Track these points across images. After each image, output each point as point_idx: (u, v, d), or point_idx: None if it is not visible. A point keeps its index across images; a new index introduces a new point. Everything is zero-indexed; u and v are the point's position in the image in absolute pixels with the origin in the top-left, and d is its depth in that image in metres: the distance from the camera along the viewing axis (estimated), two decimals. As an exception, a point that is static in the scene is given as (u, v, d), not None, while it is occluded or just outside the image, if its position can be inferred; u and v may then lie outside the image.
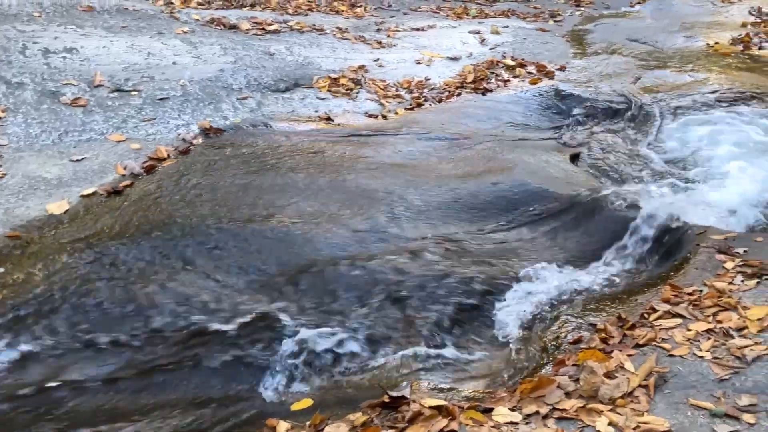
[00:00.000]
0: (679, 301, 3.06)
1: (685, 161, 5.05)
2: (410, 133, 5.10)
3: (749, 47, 7.46)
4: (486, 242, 3.98)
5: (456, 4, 8.86)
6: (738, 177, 4.67)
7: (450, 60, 6.69)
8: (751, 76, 6.33)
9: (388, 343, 3.25)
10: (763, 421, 2.27)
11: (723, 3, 10.17)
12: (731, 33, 7.98)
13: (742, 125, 5.26)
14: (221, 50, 6.08)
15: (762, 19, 8.86)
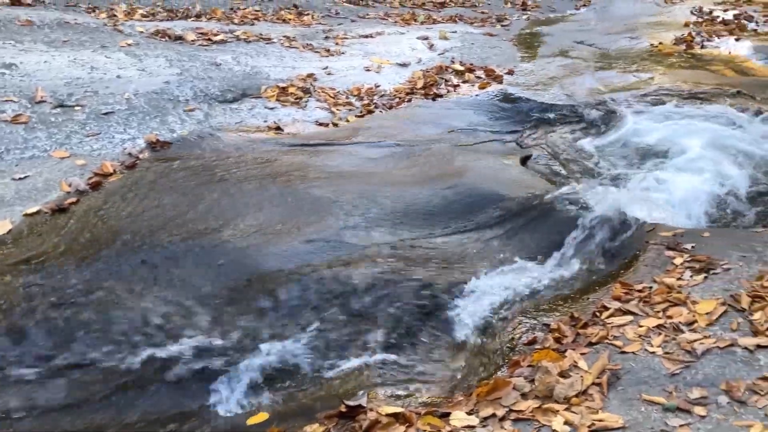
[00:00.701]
0: (629, 298, 3.11)
1: (633, 159, 5.15)
2: (361, 140, 5.10)
3: (692, 46, 7.65)
4: (440, 247, 4.00)
5: (404, 11, 8.91)
6: (685, 173, 4.79)
7: (399, 66, 6.72)
8: (694, 75, 6.49)
9: (344, 353, 3.25)
10: (713, 413, 2.32)
11: (666, 3, 10.43)
12: (674, 33, 8.18)
13: (688, 123, 5.38)
14: (167, 62, 6.02)
15: (704, 19, 9.11)
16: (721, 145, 5.02)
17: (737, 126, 5.30)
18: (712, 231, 3.78)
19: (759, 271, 3.11)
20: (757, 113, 5.46)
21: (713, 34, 8.15)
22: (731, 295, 2.95)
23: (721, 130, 5.21)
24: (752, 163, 4.91)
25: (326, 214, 4.02)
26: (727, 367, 2.51)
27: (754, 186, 4.71)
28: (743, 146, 5.04)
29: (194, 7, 8.05)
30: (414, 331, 3.36)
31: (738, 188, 4.64)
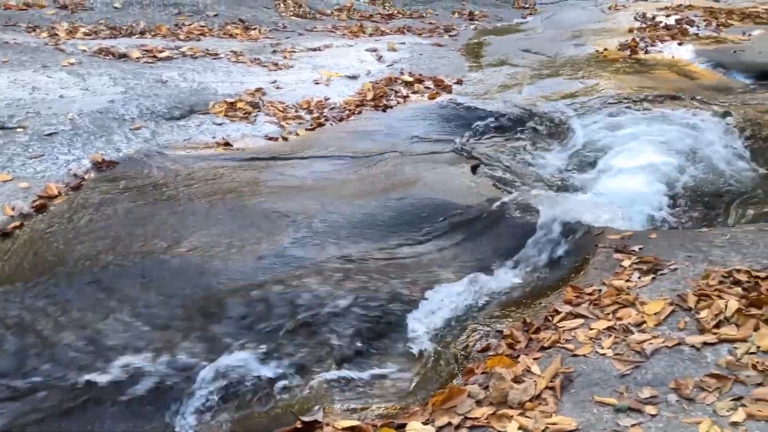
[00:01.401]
0: (580, 301, 3.17)
1: (581, 164, 5.25)
2: (312, 153, 5.11)
3: (636, 52, 7.84)
4: (393, 258, 4.02)
5: (352, 23, 8.95)
6: (632, 177, 4.90)
7: (349, 78, 6.75)
8: (638, 80, 6.66)
9: (299, 368, 3.23)
10: (664, 411, 2.37)
11: (610, 10, 10.68)
12: (619, 39, 8.38)
13: (634, 127, 5.52)
14: (111, 80, 5.95)
15: (647, 24, 9.35)
16: (665, 148, 5.16)
17: (681, 128, 5.45)
18: (659, 232, 3.87)
19: (704, 270, 3.20)
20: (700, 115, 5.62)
21: (656, 39, 8.37)
22: (678, 295, 3.02)
23: (666, 133, 5.35)
24: (696, 164, 5.05)
25: (277, 230, 4.01)
26: (676, 366, 2.57)
27: (699, 187, 4.85)
28: (687, 148, 5.19)
29: (138, 24, 7.97)
30: (369, 344, 3.36)
31: (683, 189, 4.78)
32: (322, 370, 3.20)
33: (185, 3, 8.57)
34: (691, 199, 4.73)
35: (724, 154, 5.18)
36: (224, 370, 3.17)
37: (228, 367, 3.19)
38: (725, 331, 2.70)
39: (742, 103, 6.19)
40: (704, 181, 4.91)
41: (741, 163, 5.09)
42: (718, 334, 2.69)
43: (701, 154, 5.16)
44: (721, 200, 4.73)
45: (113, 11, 8.39)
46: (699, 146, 5.25)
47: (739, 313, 2.78)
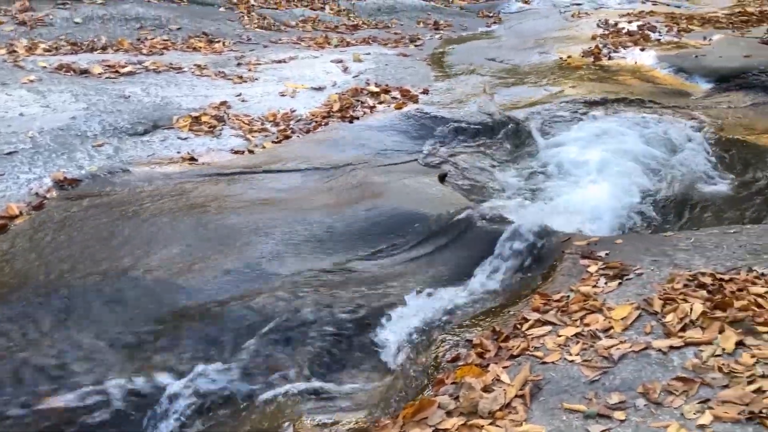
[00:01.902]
0: (548, 308, 3.19)
1: (548, 171, 5.31)
2: (279, 166, 5.09)
3: (599, 58, 7.95)
4: (363, 270, 4.02)
5: (317, 34, 8.95)
6: (597, 182, 4.97)
7: (315, 90, 6.75)
8: (602, 86, 6.75)
9: (268, 384, 3.22)
10: (632, 416, 2.39)
11: (573, 18, 10.81)
12: (582, 46, 8.48)
13: (598, 133, 5.59)
14: (72, 97, 5.88)
15: (610, 31, 9.48)
16: (629, 153, 5.24)
17: (645, 133, 5.53)
18: (625, 237, 3.92)
19: (669, 274, 3.24)
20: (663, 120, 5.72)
21: (619, 45, 8.48)
22: (644, 300, 3.06)
23: (629, 139, 5.43)
24: (660, 169, 5.13)
25: (244, 244, 4.00)
26: (643, 370, 2.60)
27: (662, 191, 4.93)
28: (651, 153, 5.27)
29: (99, 39, 7.90)
30: (339, 357, 3.36)
31: (647, 194, 4.86)
32: (292, 385, 3.18)
33: (147, 17, 8.52)
34: (655, 203, 4.80)
35: (687, 158, 5.27)
36: (192, 388, 3.15)
37: (196, 384, 3.16)
38: (691, 334, 2.74)
39: (704, 107, 6.31)
40: (668, 185, 5.00)
41: (704, 167, 5.18)
42: (684, 337, 2.73)
43: (665, 158, 5.24)
44: (686, 203, 4.81)
45: (74, 27, 8.31)
46: (663, 151, 5.34)
47: (704, 316, 2.82)
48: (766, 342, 2.62)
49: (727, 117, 6.05)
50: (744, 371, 2.48)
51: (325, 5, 10.43)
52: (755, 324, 2.73)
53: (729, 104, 6.43)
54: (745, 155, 5.09)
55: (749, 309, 2.81)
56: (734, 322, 2.76)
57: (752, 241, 3.47)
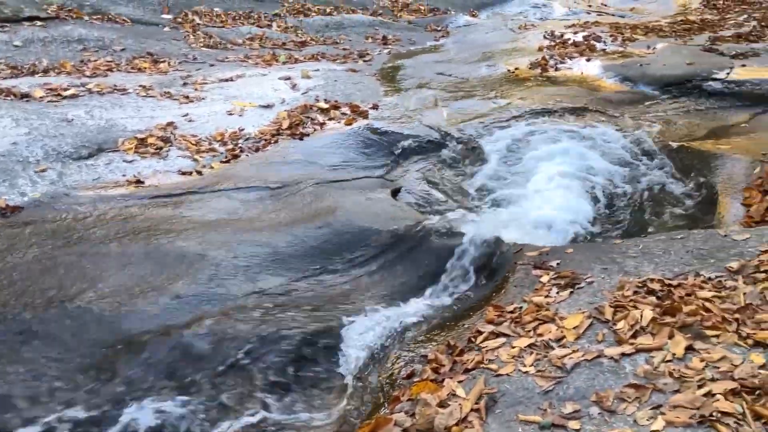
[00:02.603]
0: (502, 320, 3.22)
1: (499, 183, 5.36)
2: (228, 186, 5.05)
3: (546, 69, 8.08)
4: (317, 288, 4.01)
5: (264, 52, 8.92)
6: (547, 192, 5.03)
7: (263, 108, 6.71)
8: (549, 97, 6.85)
9: (222, 411, 3.18)
10: (586, 425, 2.42)
11: (520, 30, 10.98)
12: (529, 57, 8.61)
13: (547, 143, 5.68)
14: (13, 122, 5.75)
15: (556, 42, 9.65)
16: (578, 163, 5.33)
17: (592, 142, 5.63)
18: (575, 246, 3.97)
19: (619, 281, 3.29)
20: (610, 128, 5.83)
21: (566, 56, 8.64)
22: (596, 308, 3.10)
23: (577, 148, 5.52)
24: (607, 177, 5.22)
25: (194, 267, 3.95)
26: (596, 379, 2.63)
27: (611, 199, 5.02)
28: (599, 162, 5.37)
29: (41, 62, 7.75)
30: (294, 379, 3.33)
31: (596, 202, 4.93)
32: (246, 411, 3.15)
33: (90, 38, 8.40)
34: (604, 211, 4.89)
35: (634, 166, 5.38)
36: (141, 419, 3.09)
37: (145, 414, 3.10)
38: (641, 340, 2.78)
39: (650, 114, 6.45)
40: (616, 193, 5.09)
41: (650, 173, 5.29)
42: (635, 344, 2.77)
43: (612, 167, 5.34)
44: (634, 210, 4.90)
45: (13, 50, 8.15)
46: (610, 159, 5.44)
47: (654, 322, 2.87)
48: (715, 346, 2.68)
49: (672, 124, 6.20)
50: (694, 375, 2.52)
51: (272, 22, 10.42)
52: (704, 328, 2.78)
53: (674, 111, 6.59)
54: (690, 161, 5.21)
55: (697, 313, 2.87)
56: (683, 327, 2.81)
57: (698, 245, 3.55)
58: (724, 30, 10.01)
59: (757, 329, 2.73)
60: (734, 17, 11.15)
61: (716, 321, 2.80)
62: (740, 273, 3.18)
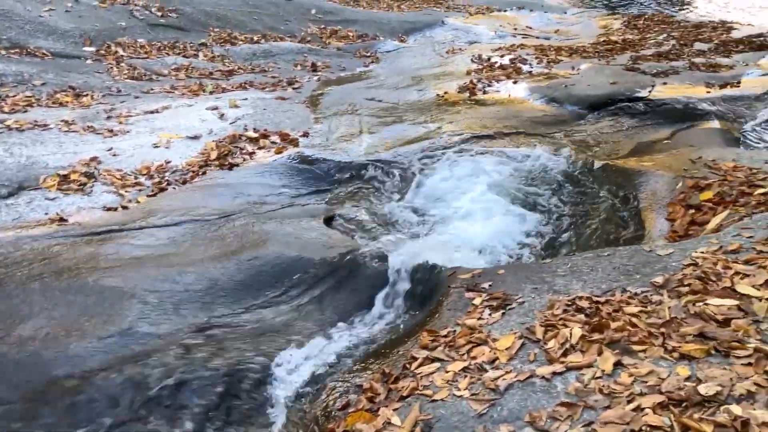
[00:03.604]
0: (436, 345, 3.24)
1: (432, 208, 5.42)
2: (155, 221, 4.97)
3: (475, 93, 8.23)
4: (249, 322, 3.98)
5: (191, 82, 8.85)
6: (480, 214, 5.12)
7: (190, 139, 6.66)
8: (479, 120, 6.97)
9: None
10: (521, 446, 2.45)
11: (448, 54, 11.16)
12: (458, 81, 8.76)
13: (476, 167, 5.77)
14: (-74, 162, 5.58)
15: (483, 65, 9.84)
16: (505, 184, 5.44)
17: (519, 164, 5.76)
18: (506, 267, 4.04)
19: (549, 300, 3.36)
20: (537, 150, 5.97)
21: (493, 79, 8.82)
22: (527, 328, 3.16)
23: (505, 171, 5.64)
24: (535, 198, 5.35)
25: (121, 306, 3.87)
26: (529, 399, 2.67)
27: (540, 219, 5.12)
28: (526, 182, 5.49)
29: (-44, 99, 7.54)
30: (225, 418, 3.29)
31: (526, 223, 5.03)
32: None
33: (8, 73, 8.19)
34: (533, 232, 4.99)
35: (561, 185, 5.51)
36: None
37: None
38: (572, 358, 2.84)
39: (575, 134, 6.64)
40: (545, 212, 5.21)
41: (577, 192, 5.43)
42: (566, 362, 2.82)
43: (539, 187, 5.47)
44: (562, 229, 5.02)
45: (-73, 87, 7.91)
46: (537, 180, 5.56)
47: (583, 339, 2.94)
48: (642, 360, 2.75)
49: (598, 142, 6.39)
50: (623, 391, 2.59)
51: (199, 52, 10.35)
52: (631, 343, 2.86)
53: (599, 130, 6.79)
54: (615, 178, 5.36)
55: (625, 329, 2.95)
56: (612, 343, 2.88)
57: (624, 262, 3.65)
58: (645, 49, 10.40)
59: (682, 342, 2.82)
60: (654, 36, 11.60)
61: (643, 336, 2.88)
62: (665, 287, 3.28)
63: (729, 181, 4.71)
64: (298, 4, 13.49)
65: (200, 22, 11.59)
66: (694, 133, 6.52)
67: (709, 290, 3.16)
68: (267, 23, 12.34)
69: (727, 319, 2.92)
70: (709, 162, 5.13)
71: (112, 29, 10.29)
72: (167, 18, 11.24)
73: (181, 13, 11.51)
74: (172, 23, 11.20)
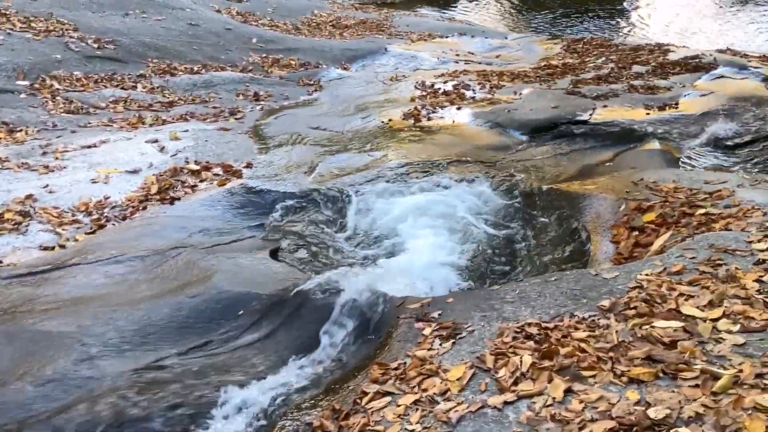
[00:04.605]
0: (387, 378, 3.22)
1: (378, 237, 5.43)
2: (94, 259, 4.86)
3: (419, 119, 8.29)
4: (195, 361, 3.90)
5: (130, 114, 8.72)
6: (426, 243, 5.14)
7: (130, 174, 6.55)
8: (423, 147, 7.03)
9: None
10: (474, 479, 2.44)
11: (392, 81, 11.24)
12: (402, 108, 8.81)
13: (421, 195, 5.81)
14: None
15: (427, 92, 9.94)
16: (450, 212, 5.48)
17: (465, 190, 5.81)
18: (455, 295, 4.05)
19: (498, 328, 3.38)
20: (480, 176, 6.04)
21: (437, 105, 8.90)
22: (477, 357, 3.16)
23: (450, 198, 5.69)
24: (482, 224, 5.40)
25: (58, 350, 3.76)
26: (481, 430, 2.67)
27: (488, 245, 5.17)
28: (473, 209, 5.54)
29: None
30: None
31: (472, 250, 5.07)
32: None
33: (-64, 110, 7.99)
34: (483, 257, 5.03)
35: (507, 211, 5.58)
36: None
37: None
38: (522, 387, 2.85)
39: (519, 159, 6.74)
40: (493, 239, 5.26)
41: (524, 217, 5.50)
42: (517, 390, 2.84)
43: (486, 213, 5.52)
44: (511, 255, 5.07)
45: None
46: (483, 206, 5.62)
47: (534, 367, 2.95)
48: (592, 386, 2.78)
49: (541, 166, 6.50)
50: (574, 418, 2.61)
51: (137, 84, 10.22)
52: (581, 369, 2.89)
53: (542, 154, 6.91)
54: (560, 202, 5.45)
55: (574, 355, 2.98)
56: (561, 369, 2.91)
57: (571, 286, 3.70)
58: (585, 73, 10.63)
59: (631, 366, 2.86)
60: (593, 60, 11.87)
61: (592, 361, 2.92)
62: (612, 311, 3.33)
63: (670, 202, 4.83)
64: (239, 33, 13.46)
65: (139, 53, 11.46)
66: (636, 154, 6.68)
67: (654, 313, 3.22)
68: (207, 53, 12.27)
69: (674, 341, 2.97)
70: (650, 184, 5.25)
71: (46, 62, 10.10)
72: (104, 50, 11.09)
73: (118, 45, 11.36)
74: (110, 55, 11.05)
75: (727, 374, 2.68)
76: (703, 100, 8.27)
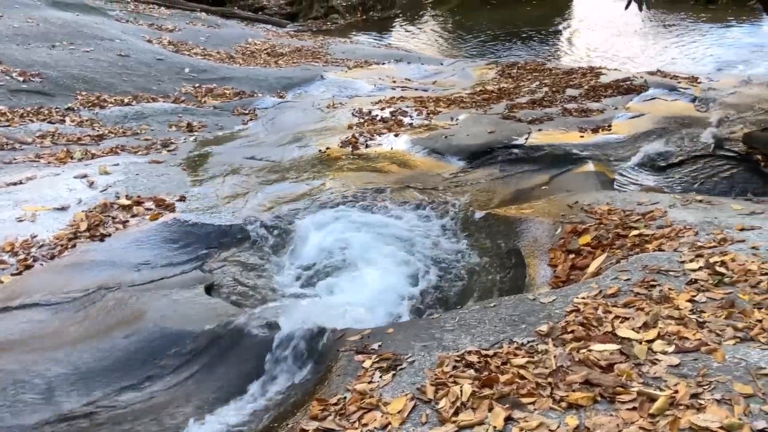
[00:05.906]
0: (326, 414, 3.18)
1: (316, 268, 5.40)
2: (20, 302, 4.71)
3: (357, 147, 8.31)
4: (126, 405, 3.81)
5: (58, 149, 8.54)
6: (365, 273, 5.13)
7: (58, 211, 6.39)
8: (362, 175, 7.05)
9: None
10: None
11: (329, 109, 11.26)
12: (340, 136, 8.83)
13: (361, 225, 5.82)
14: None
15: (365, 119, 9.98)
16: (391, 241, 5.50)
17: (403, 219, 5.84)
18: (396, 326, 4.05)
19: (438, 358, 3.38)
20: (419, 203, 6.08)
21: (375, 132, 8.95)
22: (418, 388, 3.16)
23: (390, 227, 5.71)
24: (422, 253, 5.42)
25: (-20, 399, 3.62)
26: (423, 463, 2.66)
27: (427, 274, 5.19)
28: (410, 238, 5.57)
29: None
30: None
31: (414, 279, 5.09)
32: None
33: None
34: (423, 287, 5.04)
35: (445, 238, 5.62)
36: None
37: None
38: (463, 417, 2.85)
39: (456, 185, 6.81)
40: (432, 267, 5.28)
41: (462, 244, 5.55)
42: (457, 421, 2.83)
43: (424, 242, 5.55)
44: (450, 283, 5.10)
45: None
46: (421, 235, 5.65)
47: (474, 396, 2.96)
48: (532, 413, 2.80)
49: (479, 192, 6.57)
50: (515, 446, 2.62)
51: (65, 117, 10.02)
52: (520, 396, 2.91)
53: (479, 179, 6.99)
54: (498, 227, 5.52)
55: (514, 382, 3.00)
56: (501, 397, 2.92)
57: (510, 312, 3.73)
58: (519, 97, 10.85)
59: (569, 391, 2.89)
60: (528, 84, 12.12)
61: (531, 388, 2.94)
62: (550, 336, 3.37)
63: (605, 224, 4.93)
64: (171, 63, 13.35)
65: (67, 86, 11.26)
66: (571, 177, 6.82)
67: (591, 336, 3.27)
68: (138, 84, 12.12)
69: (611, 364, 3.02)
70: (585, 206, 5.36)
71: (-32, 97, 9.86)
72: (30, 83, 10.87)
73: (45, 78, 11.15)
74: (36, 88, 10.83)
75: (663, 396, 2.73)
76: (635, 122, 8.51)
